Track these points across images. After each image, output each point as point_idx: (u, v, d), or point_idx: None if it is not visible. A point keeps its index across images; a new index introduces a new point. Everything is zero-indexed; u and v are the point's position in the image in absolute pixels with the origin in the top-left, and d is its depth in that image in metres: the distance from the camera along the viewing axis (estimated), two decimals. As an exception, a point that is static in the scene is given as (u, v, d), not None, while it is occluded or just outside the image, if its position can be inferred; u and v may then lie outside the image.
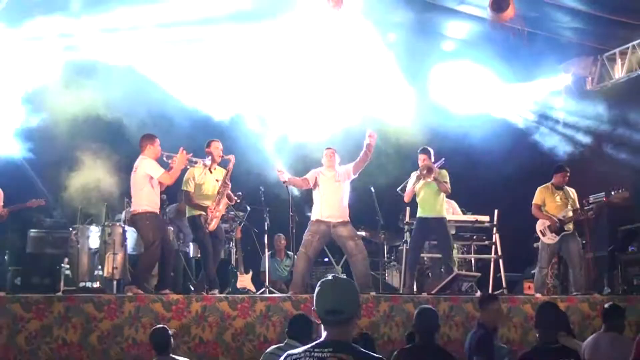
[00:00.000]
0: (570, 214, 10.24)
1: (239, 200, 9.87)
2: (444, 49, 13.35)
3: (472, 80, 13.34)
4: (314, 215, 9.67)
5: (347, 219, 9.68)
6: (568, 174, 10.45)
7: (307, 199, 10.43)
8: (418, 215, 10.16)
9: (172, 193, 10.25)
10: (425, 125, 12.73)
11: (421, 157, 10.11)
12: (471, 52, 13.03)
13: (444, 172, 10.09)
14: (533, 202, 10.48)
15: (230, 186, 9.33)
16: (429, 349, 5.40)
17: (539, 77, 13.45)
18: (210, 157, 9.25)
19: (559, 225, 10.16)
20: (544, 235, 10.28)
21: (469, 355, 6.51)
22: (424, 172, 9.83)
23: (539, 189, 10.53)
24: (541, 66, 13.15)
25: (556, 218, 10.20)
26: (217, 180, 9.33)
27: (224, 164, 9.48)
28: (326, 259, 11.48)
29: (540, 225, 10.34)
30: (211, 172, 9.37)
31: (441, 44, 13.32)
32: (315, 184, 9.71)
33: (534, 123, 13.99)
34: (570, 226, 10.27)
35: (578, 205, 10.43)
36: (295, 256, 9.98)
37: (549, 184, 10.51)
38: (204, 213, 9.15)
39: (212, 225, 9.12)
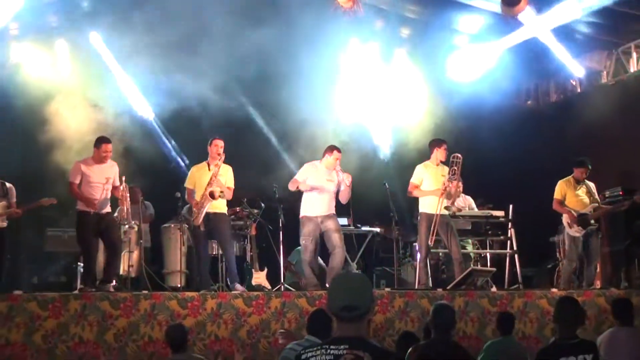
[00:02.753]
0: (593, 210, 10.20)
1: (221, 198, 9.60)
2: (456, 44, 13.31)
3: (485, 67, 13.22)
4: (304, 210, 9.61)
5: (334, 211, 9.67)
6: (589, 169, 10.38)
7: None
8: (425, 211, 10.03)
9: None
10: (438, 120, 12.72)
11: (445, 147, 10.02)
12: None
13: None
14: (554, 196, 10.42)
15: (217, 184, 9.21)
16: (445, 345, 5.38)
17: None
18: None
19: (584, 220, 10.12)
20: (570, 227, 10.22)
21: None
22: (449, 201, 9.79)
23: (559, 182, 10.45)
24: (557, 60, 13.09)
25: (579, 213, 10.16)
26: (214, 179, 9.25)
27: (232, 163, 9.50)
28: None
29: (566, 217, 10.30)
30: (209, 169, 9.32)
31: (453, 39, 13.27)
32: (308, 179, 9.64)
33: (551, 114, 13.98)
34: (593, 222, 10.23)
35: (598, 200, 10.39)
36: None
37: (570, 177, 10.43)
38: (195, 210, 9.26)
39: (196, 220, 9.18)
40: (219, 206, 9.33)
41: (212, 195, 9.14)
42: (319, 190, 9.59)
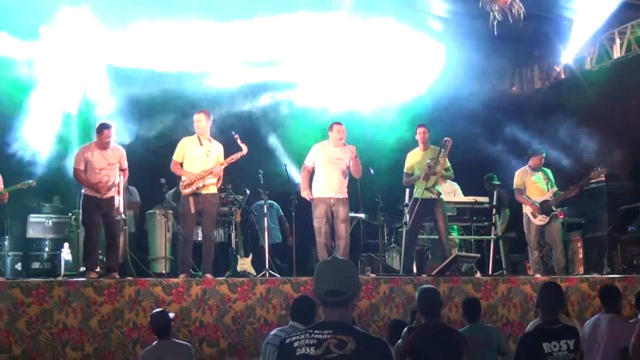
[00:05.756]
0: (553, 196, 10.21)
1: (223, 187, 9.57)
2: (433, 28, 13.17)
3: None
4: (315, 191, 9.56)
5: (346, 195, 9.60)
6: (544, 156, 10.41)
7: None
8: (414, 196, 10.09)
9: (171, 178, 10.20)
10: (423, 106, 12.70)
11: (420, 130, 10.06)
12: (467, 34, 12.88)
13: (447, 163, 9.96)
14: (514, 187, 10.45)
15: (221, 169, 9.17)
16: (437, 327, 5.40)
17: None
18: None
19: (546, 207, 10.14)
20: (534, 217, 10.23)
21: None
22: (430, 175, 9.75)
23: (517, 173, 10.48)
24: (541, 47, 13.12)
25: (540, 201, 10.18)
26: (207, 155, 9.15)
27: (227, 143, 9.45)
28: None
29: (529, 208, 10.31)
30: (201, 144, 9.21)
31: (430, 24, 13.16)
32: (317, 159, 9.62)
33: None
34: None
35: (555, 187, 10.39)
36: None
37: (526, 166, 10.47)
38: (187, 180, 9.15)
39: (183, 188, 9.12)
40: (211, 186, 9.18)
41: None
42: (327, 169, 9.54)
